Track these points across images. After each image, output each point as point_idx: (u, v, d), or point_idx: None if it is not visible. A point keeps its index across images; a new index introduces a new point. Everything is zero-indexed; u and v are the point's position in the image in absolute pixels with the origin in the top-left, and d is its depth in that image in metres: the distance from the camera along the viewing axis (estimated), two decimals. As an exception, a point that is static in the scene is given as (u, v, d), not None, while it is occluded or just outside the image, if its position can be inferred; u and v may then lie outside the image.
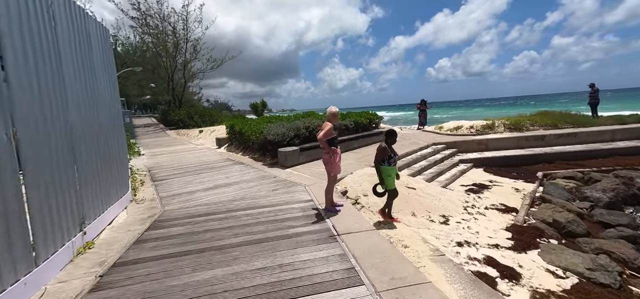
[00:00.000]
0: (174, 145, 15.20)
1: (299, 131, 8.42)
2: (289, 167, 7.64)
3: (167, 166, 9.10)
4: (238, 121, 12.26)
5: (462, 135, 11.56)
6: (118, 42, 37.73)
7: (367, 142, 10.65)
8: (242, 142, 10.87)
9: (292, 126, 8.47)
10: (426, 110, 15.59)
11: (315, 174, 6.71)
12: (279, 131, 8.12)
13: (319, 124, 9.12)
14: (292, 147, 7.95)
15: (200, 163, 9.30)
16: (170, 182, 6.88)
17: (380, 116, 12.16)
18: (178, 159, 10.35)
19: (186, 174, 7.75)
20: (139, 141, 18.10)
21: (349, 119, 10.92)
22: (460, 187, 7.52)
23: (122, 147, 6.62)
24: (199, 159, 10.21)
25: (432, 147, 10.06)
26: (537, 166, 9.38)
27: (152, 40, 28.47)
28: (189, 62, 30.73)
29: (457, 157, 9.82)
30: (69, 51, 3.64)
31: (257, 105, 20.84)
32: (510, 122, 11.63)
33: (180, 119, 24.74)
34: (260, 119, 12.19)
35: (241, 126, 10.91)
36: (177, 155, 11.46)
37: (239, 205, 4.91)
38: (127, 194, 5.32)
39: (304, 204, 4.79)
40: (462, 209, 5.72)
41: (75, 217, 3.48)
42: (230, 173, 7.48)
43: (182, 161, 9.88)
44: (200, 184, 6.50)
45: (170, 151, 12.76)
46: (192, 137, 19.24)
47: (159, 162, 10.05)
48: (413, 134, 13.17)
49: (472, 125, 11.87)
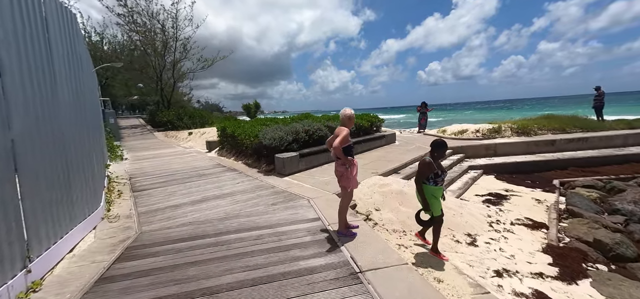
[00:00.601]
0: (161, 148, 14.22)
1: (297, 135, 7.65)
2: (287, 175, 6.86)
3: (151, 173, 8.21)
4: (230, 123, 11.42)
5: (469, 139, 10.98)
6: (104, 41, 36.44)
7: (369, 147, 9.95)
8: (235, 146, 10.04)
9: (291, 129, 7.70)
10: (427, 113, 15.04)
11: (318, 184, 5.95)
12: (276, 135, 7.34)
13: (319, 127, 8.38)
14: (290, 153, 7.17)
15: (188, 169, 8.43)
16: (152, 193, 6.02)
17: (382, 119, 11.50)
18: (164, 165, 9.45)
19: (171, 182, 6.89)
20: (123, 144, 17.02)
21: (349, 121, 10.21)
22: (475, 198, 6.88)
23: (97, 153, 5.75)
24: (187, 164, 9.33)
25: (439, 153, 9.42)
26: (549, 173, 8.85)
27: (140, 39, 27.29)
28: (179, 62, 29.65)
29: (466, 163, 9.21)
30: (9, 35, 2.80)
31: (250, 106, 19.94)
32: (518, 126, 11.11)
33: (169, 120, 23.66)
34: (254, 122, 11.38)
35: (233, 128, 10.08)
36: (164, 160, 10.55)
37: (232, 225, 4.11)
38: (97, 211, 4.46)
39: (310, 224, 4.03)
40: (487, 225, 5.05)
41: (15, 250, 2.64)
42: (221, 182, 6.66)
43: (169, 167, 8.99)
44: (186, 196, 5.67)
45: (156, 155, 11.81)
46: (181, 140, 18.24)
47: (143, 167, 9.13)
48: (415, 138, 12.56)
49: (478, 129, 11.31)
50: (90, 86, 6.90)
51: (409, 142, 11.41)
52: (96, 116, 7.17)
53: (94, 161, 5.07)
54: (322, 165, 7.84)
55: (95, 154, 5.40)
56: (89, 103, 5.92)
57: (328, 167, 7.63)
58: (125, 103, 56.96)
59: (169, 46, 27.79)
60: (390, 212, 4.87)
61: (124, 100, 50.47)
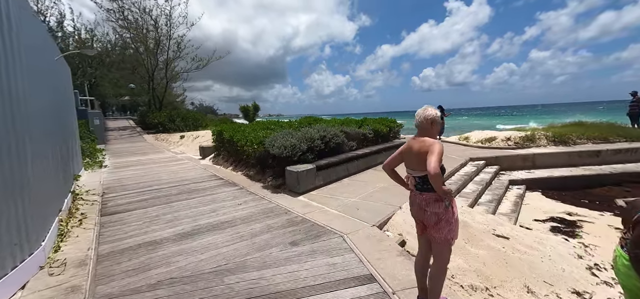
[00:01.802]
0: (149, 153, 12.66)
1: (313, 143, 6.24)
2: (302, 193, 5.44)
3: (132, 186, 6.70)
4: (227, 126, 9.96)
5: (499, 148, 9.69)
6: (95, 39, 34.77)
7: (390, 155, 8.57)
8: (233, 153, 8.58)
9: (304, 135, 6.28)
10: (444, 118, 13.77)
11: (345, 209, 4.54)
12: (287, 142, 5.91)
13: (335, 133, 6.98)
14: (306, 165, 5.74)
15: (177, 182, 6.94)
16: (126, 219, 4.53)
17: (400, 124, 10.16)
18: (149, 175, 7.94)
19: (154, 201, 5.41)
20: (108, 147, 15.40)
21: (366, 126, 8.85)
22: (537, 225, 5.54)
23: (56, 166, 4.26)
24: (176, 175, 7.83)
25: (473, 164, 8.10)
26: (602, 190, 7.59)
27: (131, 36, 25.69)
28: (172, 61, 28.08)
29: (504, 177, 7.88)
30: None
31: (249, 108, 18.45)
32: (553, 134, 9.86)
33: (160, 122, 22.05)
34: (255, 125, 9.94)
35: (232, 132, 8.63)
36: (149, 168, 9.02)
37: (236, 289, 2.66)
38: (36, 254, 2.98)
39: (361, 288, 2.60)
40: (587, 271, 3.69)
41: None
42: (218, 202, 5.20)
43: (154, 178, 7.48)
44: (171, 225, 4.20)
45: (142, 162, 10.26)
46: (172, 144, 16.67)
47: (123, 179, 7.61)
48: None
49: (508, 136, 10.02)
50: (53, 82, 5.41)
51: (430, 150, 10.10)
52: (61, 118, 5.68)
53: (47, 177, 3.61)
54: (341, 180, 6.44)
55: (49, 167, 3.92)
56: (48, 103, 4.44)
57: (349, 182, 6.21)
58: (115, 104, 54.93)
59: (162, 44, 26.26)
60: (458, 255, 3.48)
61: (115, 100, 48.51)
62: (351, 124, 8.96)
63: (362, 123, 9.26)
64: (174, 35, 26.06)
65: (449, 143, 11.67)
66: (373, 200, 4.94)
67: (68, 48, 33.43)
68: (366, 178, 6.52)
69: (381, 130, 9.00)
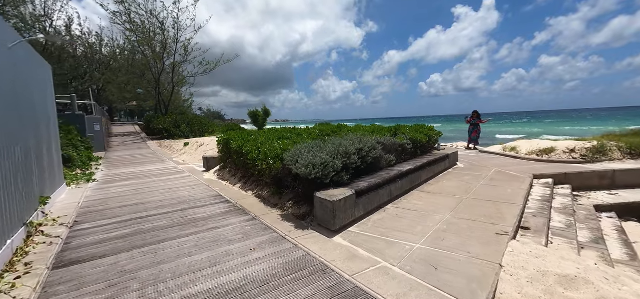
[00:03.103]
0: (149, 163, 11.31)
1: (348, 159, 4.70)
2: (339, 230, 3.90)
3: (115, 210, 5.27)
4: (236, 134, 8.51)
5: (564, 163, 8.00)
6: (103, 43, 34.23)
7: (433, 172, 6.98)
8: (242, 165, 7.12)
9: (338, 149, 4.74)
10: (479, 125, 12.11)
11: (412, 262, 2.96)
12: (316, 159, 4.37)
13: (373, 145, 5.44)
14: (342, 190, 4.19)
15: (172, 205, 5.48)
16: (84, 278, 3.04)
17: (439, 132, 8.56)
18: (140, 193, 6.51)
19: (135, 240, 3.93)
20: (107, 156, 14.17)
21: (402, 135, 7.29)
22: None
23: None
24: (172, 194, 6.37)
25: (542, 185, 6.45)
26: None
27: (137, 39, 24.75)
28: (179, 65, 27.07)
29: (585, 201, 6.20)
30: None
31: (258, 113, 17.02)
32: (629, 145, 8.13)
33: (165, 128, 20.87)
34: (268, 133, 8.47)
35: (241, 142, 7.17)
36: (144, 183, 7.61)
37: None
38: None
39: None
40: None
41: None
42: (222, 244, 3.69)
43: (145, 198, 6.04)
44: (148, 293, 2.71)
45: (137, 175, 8.87)
46: (175, 152, 15.35)
47: (108, 198, 6.20)
48: (475, 156, 9.59)
49: (571, 148, 8.31)
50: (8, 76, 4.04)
51: (473, 163, 8.45)
52: (16, 122, 4.29)
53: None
54: (385, 207, 4.87)
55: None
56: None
57: (396, 212, 4.64)
58: (123, 109, 54.48)
59: (169, 48, 25.28)
60: None
61: (122, 106, 47.95)
62: (383, 133, 7.41)
63: (396, 131, 7.70)
64: (181, 38, 25.12)
65: (493, 155, 10.00)
66: (447, 246, 3.36)
67: (76, 52, 32.97)
68: (416, 204, 4.94)
69: (420, 140, 7.41)
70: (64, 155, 9.53)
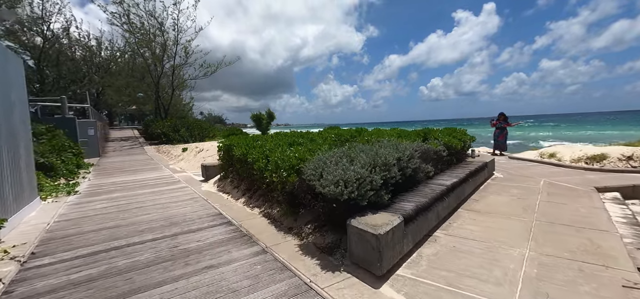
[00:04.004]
0: (143, 170, 10.23)
1: (388, 171, 3.59)
2: (386, 274, 2.79)
3: (88, 236, 4.18)
4: (239, 139, 7.42)
5: (622, 171, 6.87)
6: (103, 46, 33.46)
7: (475, 184, 5.87)
8: (246, 174, 6.05)
9: (375, 160, 3.64)
10: (506, 128, 10.99)
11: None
12: (348, 174, 3.24)
13: (411, 153, 4.34)
14: (385, 216, 3.07)
15: (161, 228, 4.38)
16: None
17: (472, 136, 7.45)
18: (125, 211, 5.41)
19: (108, 282, 2.83)
20: (100, 162, 13.13)
21: (434, 139, 6.19)
22: None
23: None
24: (163, 212, 5.27)
25: (611, 200, 5.32)
26: None
27: (136, 40, 23.84)
28: (180, 68, 26.14)
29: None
30: None
31: (262, 117, 15.93)
32: (695, 152, 7.00)
33: (164, 132, 19.83)
34: (276, 138, 7.39)
35: (245, 149, 6.09)
36: (133, 196, 6.52)
37: None
38: None
39: None
40: None
41: None
42: (222, 294, 2.60)
43: (129, 218, 4.95)
44: None
45: (126, 185, 7.79)
46: (173, 157, 14.29)
47: (84, 218, 5.11)
48: (506, 163, 8.46)
49: (629, 154, 7.17)
50: None
51: (510, 172, 7.34)
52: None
53: None
54: (433, 234, 3.76)
55: None
56: None
57: (453, 244, 3.51)
58: (124, 113, 53.62)
59: (169, 50, 24.36)
60: None
61: (122, 110, 47.07)
62: (411, 137, 6.31)
63: (425, 135, 6.60)
64: (181, 40, 24.21)
65: (529, 162, 8.87)
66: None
67: (74, 54, 32.12)
68: (472, 231, 3.83)
69: (455, 145, 6.31)
70: (44, 163, 8.48)
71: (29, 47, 27.41)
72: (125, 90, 30.02)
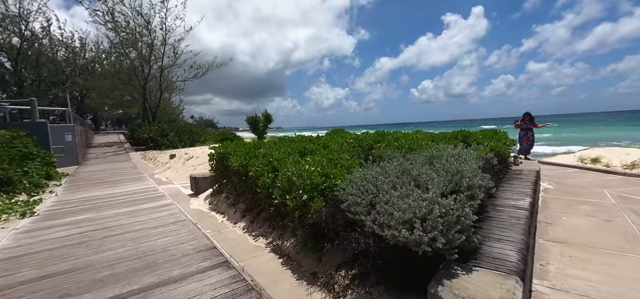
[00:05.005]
0: (122, 182, 8.83)
1: (473, 197, 2.39)
2: None
3: (26, 285, 2.86)
4: (235, 146, 6.13)
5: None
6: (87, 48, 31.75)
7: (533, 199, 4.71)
8: (244, 189, 4.79)
9: (455, 178, 2.43)
10: (533, 130, 9.95)
11: None
12: (424, 207, 2.04)
13: (473, 166, 3.14)
14: (486, 274, 1.87)
15: (131, 273, 3.08)
16: None
17: (512, 139, 6.34)
18: (89, 241, 4.07)
19: None
20: (77, 172, 11.64)
21: (478, 144, 5.03)
22: None
23: None
24: (139, 244, 3.95)
25: None
26: None
27: (121, 39, 22.21)
28: (168, 69, 24.60)
29: None
30: None
31: (258, 119, 14.59)
32: None
33: (151, 137, 18.35)
34: (280, 144, 6.12)
35: (244, 159, 4.82)
36: (103, 220, 5.16)
37: None
38: None
39: None
40: None
41: None
42: None
43: (93, 254, 3.62)
44: None
45: (97, 204, 6.40)
46: (159, 165, 12.86)
47: (28, 256, 3.76)
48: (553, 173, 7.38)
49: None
50: None
51: (555, 181, 6.25)
52: None
53: None
54: (530, 284, 2.57)
55: None
56: None
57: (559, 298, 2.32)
58: (110, 117, 51.35)
59: (156, 49, 22.83)
60: None
61: (108, 114, 44.93)
62: (449, 142, 5.13)
63: (466, 139, 5.44)
64: (169, 40, 22.72)
65: (567, 168, 7.81)
66: None
67: (56, 56, 30.25)
68: (587, 283, 2.66)
69: (503, 152, 5.16)
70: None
71: (5, 48, 25.56)
72: (111, 93, 28.23)
